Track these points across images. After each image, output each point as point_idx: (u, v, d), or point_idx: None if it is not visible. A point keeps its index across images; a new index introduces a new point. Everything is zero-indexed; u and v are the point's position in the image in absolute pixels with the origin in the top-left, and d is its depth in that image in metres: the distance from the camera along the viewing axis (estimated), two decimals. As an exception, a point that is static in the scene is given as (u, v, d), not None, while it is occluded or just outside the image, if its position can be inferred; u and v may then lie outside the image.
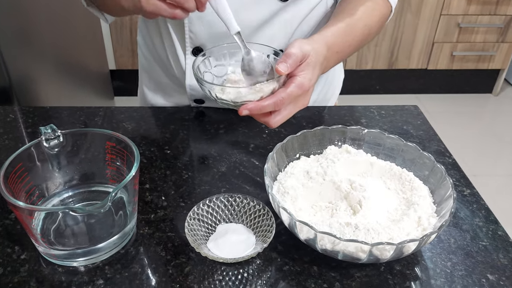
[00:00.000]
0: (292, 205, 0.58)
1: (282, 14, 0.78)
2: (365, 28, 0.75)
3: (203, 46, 0.81)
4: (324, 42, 0.66)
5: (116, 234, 0.55)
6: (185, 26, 0.78)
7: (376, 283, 0.54)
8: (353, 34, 0.73)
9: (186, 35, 0.79)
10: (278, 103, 0.60)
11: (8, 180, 0.52)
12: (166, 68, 0.90)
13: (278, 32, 0.80)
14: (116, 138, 0.59)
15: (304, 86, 0.61)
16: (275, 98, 0.60)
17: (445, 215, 0.54)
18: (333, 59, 0.70)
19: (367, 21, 0.75)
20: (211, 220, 0.60)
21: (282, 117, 0.63)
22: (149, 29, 0.88)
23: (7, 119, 0.81)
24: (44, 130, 0.57)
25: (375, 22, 0.77)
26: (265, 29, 0.79)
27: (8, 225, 0.59)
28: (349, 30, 0.72)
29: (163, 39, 0.85)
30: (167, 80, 0.92)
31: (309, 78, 0.62)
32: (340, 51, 0.71)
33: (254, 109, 0.60)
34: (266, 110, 0.61)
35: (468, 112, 2.56)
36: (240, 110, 0.60)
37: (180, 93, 0.92)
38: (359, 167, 0.64)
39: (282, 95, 0.60)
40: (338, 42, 0.70)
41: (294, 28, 0.81)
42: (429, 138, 0.80)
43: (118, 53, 2.36)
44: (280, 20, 0.79)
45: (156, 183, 0.68)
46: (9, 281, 0.52)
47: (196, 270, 0.55)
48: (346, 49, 0.73)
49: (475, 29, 2.40)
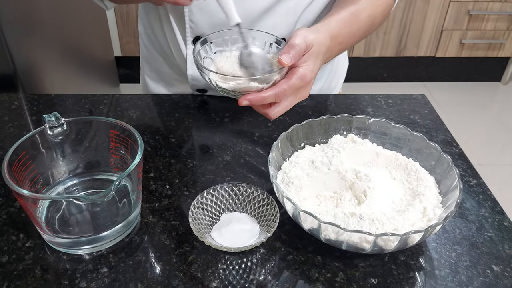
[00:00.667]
0: (296, 195, 0.58)
1: (285, 2, 0.77)
2: (369, 18, 0.73)
3: (204, 35, 0.79)
4: (327, 32, 0.65)
5: (120, 223, 0.55)
6: (185, 16, 0.77)
7: (380, 273, 0.54)
8: (357, 24, 0.71)
9: (186, 24, 0.78)
10: (279, 94, 0.59)
11: (12, 168, 0.52)
12: (168, 58, 0.89)
13: (281, 21, 0.78)
14: (120, 127, 0.58)
15: (306, 77, 0.60)
16: (277, 89, 0.59)
17: (450, 206, 0.54)
18: (335, 50, 0.69)
19: (371, 11, 0.73)
20: (215, 209, 0.60)
21: (282, 108, 0.62)
22: (149, 19, 0.87)
23: (12, 107, 0.81)
24: (48, 118, 0.57)
25: (379, 12, 0.76)
26: (267, 17, 0.77)
27: (13, 213, 0.60)
28: (353, 20, 0.71)
29: (164, 28, 0.84)
30: (168, 70, 0.91)
31: (311, 70, 0.61)
32: (343, 42, 0.69)
33: (254, 100, 0.59)
34: (266, 101, 0.60)
35: (476, 101, 2.53)
36: (240, 100, 0.59)
37: (181, 83, 0.91)
38: (365, 157, 0.63)
39: (284, 86, 0.59)
40: (342, 32, 0.68)
41: (298, 16, 0.79)
42: (436, 128, 0.79)
43: (124, 40, 2.35)
44: (283, 8, 0.77)
45: (160, 172, 0.67)
46: (14, 269, 0.53)
47: (200, 258, 0.55)
48: (350, 40, 0.71)
49: (486, 16, 2.36)
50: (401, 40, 2.44)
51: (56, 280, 0.52)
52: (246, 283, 0.52)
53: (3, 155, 0.69)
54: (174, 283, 0.52)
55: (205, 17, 0.77)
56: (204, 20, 0.77)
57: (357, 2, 0.72)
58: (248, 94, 0.59)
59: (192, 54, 0.63)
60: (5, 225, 0.58)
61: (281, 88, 0.59)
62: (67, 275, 0.52)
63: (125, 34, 2.34)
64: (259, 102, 0.60)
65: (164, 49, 0.88)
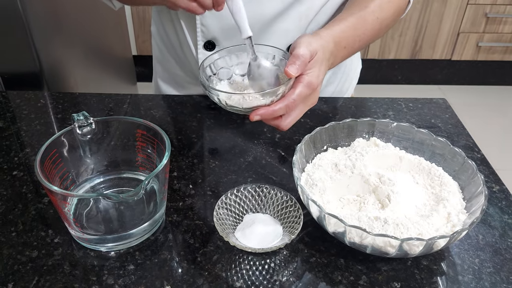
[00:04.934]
0: (320, 197, 0.58)
1: (297, 6, 0.76)
2: (377, 22, 0.73)
3: (215, 40, 0.80)
4: (331, 38, 0.65)
5: (147, 221, 0.56)
6: (197, 20, 0.78)
7: (402, 277, 0.54)
8: (363, 28, 0.71)
9: (198, 28, 0.79)
10: (289, 105, 0.60)
11: (44, 165, 0.53)
12: (180, 60, 0.89)
13: (292, 25, 0.78)
14: (147, 126, 0.59)
15: (313, 84, 0.61)
16: (286, 101, 0.60)
17: (475, 212, 0.54)
18: (340, 54, 0.69)
19: (380, 14, 0.73)
20: (238, 209, 0.61)
21: (292, 118, 0.63)
22: (162, 21, 0.88)
23: (38, 105, 0.83)
24: (77, 117, 0.58)
25: (389, 15, 0.75)
26: (279, 22, 0.77)
27: (41, 209, 0.61)
28: (359, 24, 0.70)
29: (176, 31, 0.85)
30: (180, 72, 0.92)
31: (316, 76, 0.61)
32: (348, 46, 0.69)
33: (265, 114, 0.60)
34: (277, 114, 0.61)
35: (492, 105, 2.51)
36: (251, 115, 0.60)
37: (193, 85, 0.91)
38: (388, 161, 0.64)
39: (293, 97, 0.60)
40: (346, 36, 0.68)
41: (309, 20, 0.79)
42: (458, 133, 0.79)
43: (140, 39, 2.37)
44: (295, 13, 0.77)
45: (184, 171, 0.68)
46: (43, 264, 0.54)
47: (224, 258, 0.56)
48: (356, 44, 0.71)
49: (503, 19, 2.34)
50: (416, 42, 2.42)
51: (85, 276, 0.53)
52: (269, 283, 0.53)
53: (30, 152, 0.71)
54: (199, 282, 0.53)
55: (217, 21, 0.77)
56: (215, 24, 0.77)
57: (366, 7, 0.72)
58: (258, 109, 0.60)
59: (199, 76, 0.65)
60: (34, 221, 0.59)
61: (291, 99, 0.60)
62: (94, 271, 0.53)
63: (141, 33, 2.36)
64: (270, 116, 0.60)
65: (176, 51, 0.88)
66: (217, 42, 0.79)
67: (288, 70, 0.58)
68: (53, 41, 1.15)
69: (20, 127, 0.77)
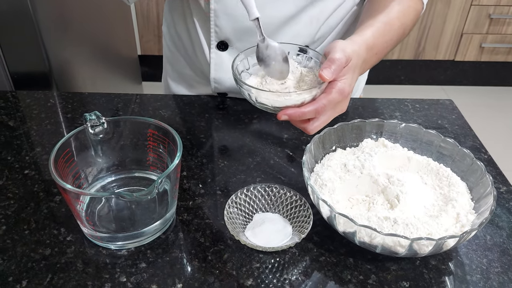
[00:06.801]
0: (329, 197, 0.59)
1: (309, 10, 0.76)
2: (401, 27, 0.73)
3: (228, 40, 0.80)
4: (364, 44, 0.64)
5: (158, 220, 0.57)
6: (211, 20, 0.78)
7: (411, 276, 0.55)
8: (390, 33, 0.71)
9: (211, 29, 0.79)
10: (319, 110, 0.59)
11: (58, 164, 0.54)
12: (190, 60, 0.90)
13: (304, 29, 0.78)
14: (158, 126, 0.60)
15: (345, 91, 0.60)
16: (317, 104, 0.59)
17: (484, 213, 0.54)
18: (371, 61, 0.69)
19: (403, 20, 0.73)
20: (248, 209, 0.61)
21: (320, 123, 0.62)
22: (174, 20, 0.88)
23: (47, 104, 0.83)
24: (89, 117, 0.59)
25: (410, 20, 0.75)
26: (290, 25, 0.77)
27: (53, 207, 0.62)
28: (387, 30, 0.70)
29: (189, 30, 0.85)
30: (190, 72, 0.92)
31: (349, 84, 0.61)
32: (378, 52, 0.69)
33: (294, 115, 0.59)
34: (306, 117, 0.60)
35: (496, 105, 2.51)
36: (279, 114, 0.59)
37: (203, 85, 0.92)
38: (396, 162, 0.64)
39: (324, 101, 0.59)
40: (377, 43, 0.68)
41: (321, 24, 0.79)
42: (465, 134, 0.80)
43: (144, 39, 2.38)
44: (307, 16, 0.77)
45: (193, 171, 0.69)
46: (57, 261, 0.55)
47: (234, 257, 0.56)
48: (384, 50, 0.71)
49: (507, 20, 2.34)
50: (420, 42, 2.43)
51: (97, 274, 0.53)
52: (279, 282, 0.54)
53: (41, 151, 0.72)
54: (210, 280, 0.53)
55: (230, 22, 0.77)
56: (229, 25, 0.78)
57: (389, 12, 0.71)
58: (287, 109, 0.59)
59: (231, 69, 0.63)
60: (46, 219, 0.60)
61: (321, 103, 0.59)
62: (107, 269, 0.54)
63: (145, 33, 2.36)
64: (299, 118, 0.59)
65: (187, 51, 0.89)
66: (230, 42, 0.80)
67: (323, 73, 0.57)
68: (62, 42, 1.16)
69: (31, 126, 0.77)
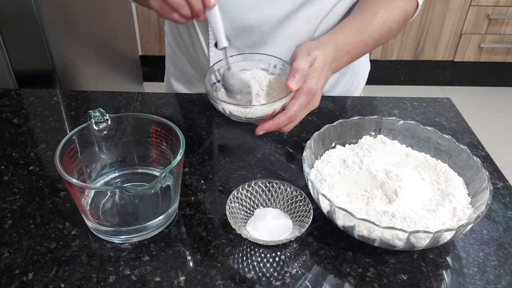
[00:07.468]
0: (329, 192, 0.60)
1: (307, 8, 0.77)
2: (384, 26, 0.74)
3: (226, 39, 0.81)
4: (333, 44, 0.67)
5: (161, 215, 0.58)
6: None
7: (409, 269, 0.56)
8: (368, 32, 0.72)
9: (209, 27, 0.80)
10: (291, 117, 0.63)
11: (63, 160, 0.55)
12: (192, 58, 0.91)
13: (302, 27, 0.79)
14: (161, 123, 0.61)
15: (312, 90, 0.63)
16: (288, 113, 0.63)
17: (480, 207, 0.56)
18: (344, 59, 0.70)
19: (386, 19, 0.74)
20: (249, 204, 0.62)
21: (294, 123, 0.66)
22: None
23: (51, 102, 0.85)
24: (93, 114, 0.60)
25: (397, 19, 0.75)
26: (288, 24, 0.78)
27: (58, 202, 0.63)
28: (364, 29, 0.72)
29: (189, 30, 0.86)
30: (191, 70, 0.93)
31: (315, 82, 0.64)
32: (351, 51, 0.71)
33: (270, 128, 0.64)
34: (281, 126, 0.64)
35: (495, 105, 2.53)
36: (258, 130, 0.64)
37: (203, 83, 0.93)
38: (395, 158, 0.65)
39: (294, 109, 0.63)
40: (350, 41, 0.70)
41: (318, 22, 0.79)
42: (462, 131, 0.81)
43: (144, 38, 2.39)
44: (305, 15, 0.77)
45: (195, 167, 0.70)
46: (62, 255, 0.56)
47: (236, 251, 0.57)
48: (360, 49, 0.72)
49: (505, 20, 2.36)
50: (419, 43, 2.44)
51: (102, 267, 0.55)
52: (280, 275, 0.55)
53: (46, 148, 0.73)
54: (212, 273, 0.54)
55: (228, 21, 0.78)
56: (227, 24, 0.78)
57: (372, 11, 0.73)
58: (263, 123, 0.64)
59: (205, 84, 0.68)
60: (51, 213, 0.61)
61: (292, 111, 0.63)
62: (111, 262, 0.55)
63: (146, 33, 2.38)
64: (275, 129, 0.65)
65: (188, 49, 0.90)
66: (228, 40, 0.81)
67: (289, 84, 0.61)
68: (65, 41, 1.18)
69: (35, 123, 0.79)
